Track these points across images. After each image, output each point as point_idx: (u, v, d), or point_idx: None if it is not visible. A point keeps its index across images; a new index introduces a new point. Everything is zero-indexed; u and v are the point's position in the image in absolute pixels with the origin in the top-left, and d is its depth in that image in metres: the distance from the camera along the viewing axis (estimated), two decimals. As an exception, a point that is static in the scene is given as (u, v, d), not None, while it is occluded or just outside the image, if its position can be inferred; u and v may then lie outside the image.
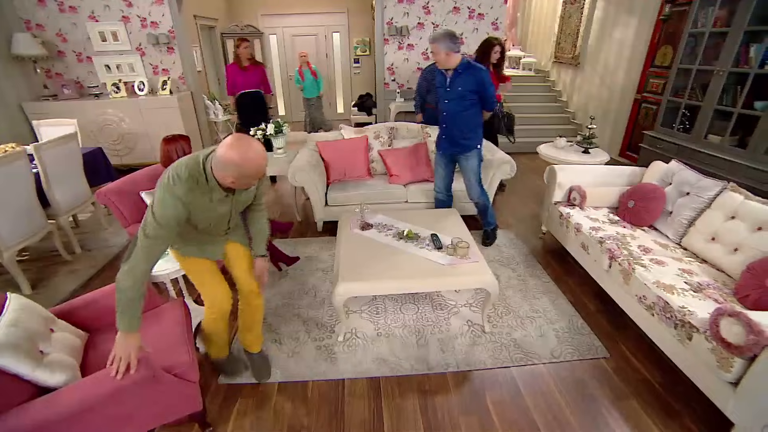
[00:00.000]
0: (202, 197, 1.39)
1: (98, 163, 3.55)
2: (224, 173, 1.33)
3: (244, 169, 1.31)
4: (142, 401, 1.41)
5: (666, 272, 1.99)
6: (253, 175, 1.35)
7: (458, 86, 2.58)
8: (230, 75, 4.37)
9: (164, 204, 1.31)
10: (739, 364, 1.47)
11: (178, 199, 1.32)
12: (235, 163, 1.29)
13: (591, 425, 1.67)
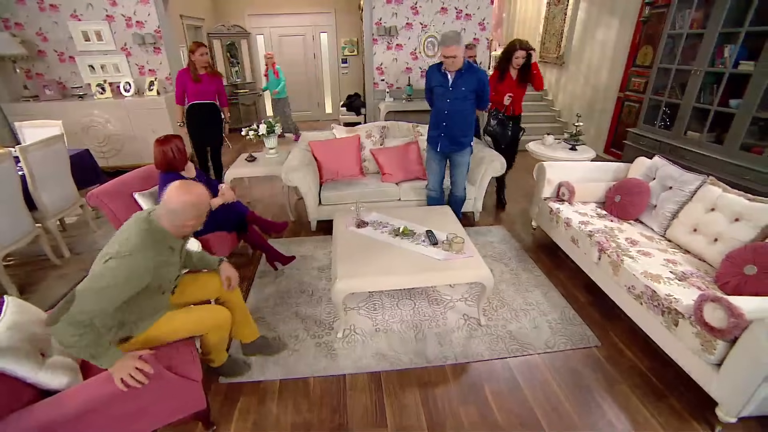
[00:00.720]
0: (161, 256, 1.39)
1: (86, 165, 3.48)
2: (184, 219, 1.38)
3: (201, 207, 1.40)
4: (146, 401, 1.41)
5: (652, 263, 2.08)
6: (205, 210, 1.44)
7: (461, 86, 2.64)
8: (179, 82, 3.69)
9: (124, 271, 1.27)
10: (722, 347, 1.56)
11: (144, 269, 1.31)
12: (193, 203, 1.36)
13: (586, 410, 1.74)
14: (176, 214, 1.36)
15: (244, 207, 2.74)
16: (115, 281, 1.26)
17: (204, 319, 1.64)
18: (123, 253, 1.28)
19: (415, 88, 5.40)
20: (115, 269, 1.26)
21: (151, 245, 1.33)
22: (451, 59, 2.51)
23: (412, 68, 5.41)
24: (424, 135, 3.65)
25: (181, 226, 1.39)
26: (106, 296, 1.26)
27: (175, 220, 1.37)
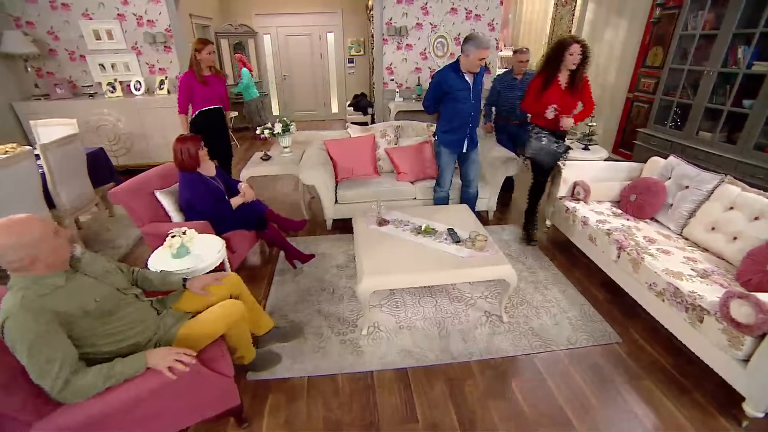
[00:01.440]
0: (54, 297, 1.22)
1: (100, 164, 3.48)
2: (22, 259, 1.18)
3: (26, 240, 1.17)
4: (184, 396, 1.43)
5: (672, 260, 2.11)
6: (39, 234, 1.20)
7: (478, 86, 2.73)
8: (185, 87, 3.23)
9: (21, 331, 1.13)
10: (750, 342, 1.59)
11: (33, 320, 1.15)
12: (10, 245, 1.15)
13: (612, 404, 1.77)
14: (25, 249, 1.18)
15: (263, 205, 2.76)
16: (29, 343, 1.13)
17: (221, 318, 1.62)
18: (10, 320, 1.14)
19: (425, 88, 5.42)
20: (13, 340, 1.14)
21: (23, 295, 1.17)
22: (483, 61, 2.55)
23: (422, 68, 5.43)
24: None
25: (32, 268, 1.21)
26: (42, 357, 1.14)
27: (30, 253, 1.19)
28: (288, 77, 7.68)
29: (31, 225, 1.21)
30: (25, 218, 1.22)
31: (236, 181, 2.74)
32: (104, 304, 1.36)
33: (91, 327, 1.30)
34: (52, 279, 1.26)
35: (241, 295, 1.86)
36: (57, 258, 1.26)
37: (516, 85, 3.58)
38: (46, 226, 1.24)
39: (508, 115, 3.71)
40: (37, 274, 1.23)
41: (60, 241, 1.27)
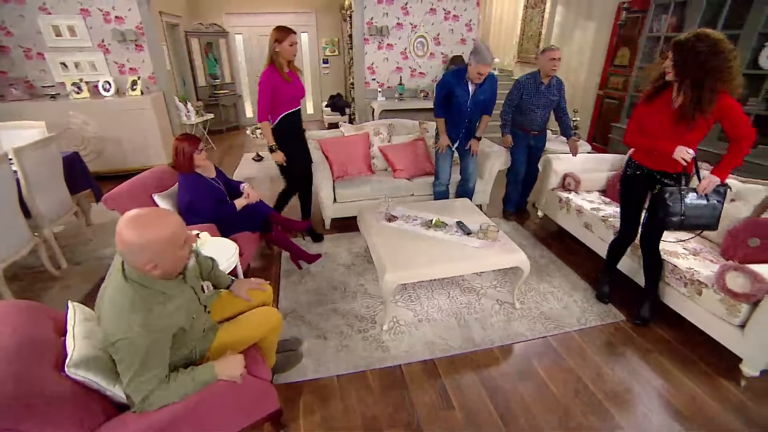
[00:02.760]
0: (162, 312, 1.13)
1: (75, 169, 3.23)
2: (146, 261, 1.07)
3: (155, 245, 1.06)
4: (230, 404, 1.38)
5: (665, 242, 2.29)
6: (169, 241, 1.08)
7: (480, 96, 2.83)
8: (269, 88, 2.57)
9: (141, 347, 1.08)
10: (746, 309, 1.77)
11: (156, 337, 1.11)
12: (140, 244, 1.04)
13: (627, 375, 1.91)
14: (137, 255, 1.06)
15: (268, 207, 2.69)
16: (144, 359, 1.09)
17: (258, 325, 1.57)
18: (125, 337, 1.07)
19: (407, 87, 5.50)
20: (130, 355, 1.09)
21: (145, 312, 1.09)
22: (481, 76, 2.66)
23: (403, 68, 5.50)
24: (430, 132, 3.76)
25: (148, 269, 1.09)
26: (150, 368, 1.12)
27: (153, 259, 1.07)
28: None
29: (166, 222, 1.10)
30: (158, 212, 1.13)
31: (237, 182, 2.65)
32: (195, 323, 1.32)
33: (176, 344, 1.24)
34: (171, 289, 1.18)
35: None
36: (175, 268, 1.17)
37: (542, 92, 3.06)
38: (180, 231, 1.12)
39: (529, 124, 3.19)
40: (154, 278, 1.13)
41: (184, 252, 1.16)
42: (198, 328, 1.36)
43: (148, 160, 4.57)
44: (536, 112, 3.13)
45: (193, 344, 1.36)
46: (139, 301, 1.09)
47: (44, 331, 1.26)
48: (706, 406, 1.76)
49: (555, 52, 2.94)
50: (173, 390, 1.17)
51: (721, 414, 1.72)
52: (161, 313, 1.12)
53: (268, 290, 1.76)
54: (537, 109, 3.12)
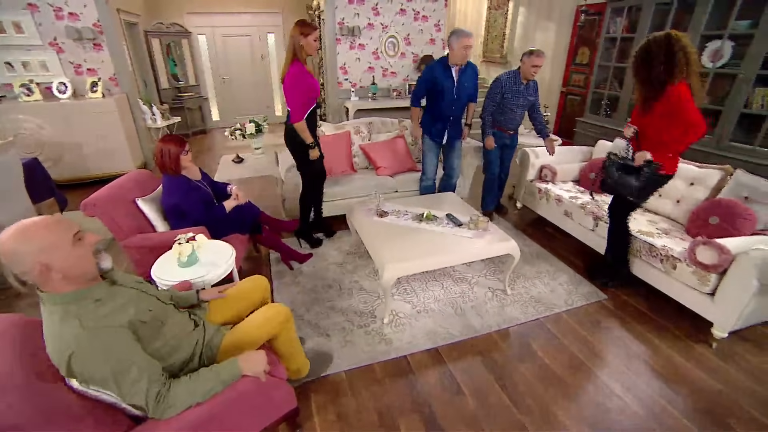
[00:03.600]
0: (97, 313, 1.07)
1: (37, 177, 2.99)
2: (32, 263, 1.00)
3: (34, 245, 1.00)
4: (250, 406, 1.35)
5: (640, 224, 2.50)
6: (52, 238, 1.02)
7: (464, 82, 2.87)
8: (303, 84, 2.45)
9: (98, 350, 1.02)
10: (714, 279, 1.97)
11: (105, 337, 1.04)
12: (18, 247, 0.99)
13: (614, 346, 2.07)
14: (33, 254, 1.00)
15: (256, 208, 2.63)
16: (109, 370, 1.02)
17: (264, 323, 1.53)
18: (70, 352, 1.00)
19: (379, 86, 5.55)
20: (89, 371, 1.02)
21: (74, 319, 1.03)
22: (469, 49, 2.69)
23: (375, 68, 5.54)
24: (410, 130, 3.82)
25: (62, 264, 1.03)
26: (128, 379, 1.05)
27: (40, 259, 1.00)
28: (227, 80, 7.24)
29: (42, 228, 1.02)
30: (36, 221, 1.04)
31: (223, 184, 2.57)
32: (157, 314, 1.25)
33: (148, 341, 1.17)
34: (91, 292, 1.10)
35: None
36: (77, 270, 1.07)
37: (521, 92, 3.06)
38: (63, 231, 1.05)
39: (507, 123, 3.19)
40: (68, 291, 1.06)
41: (81, 252, 1.08)
42: (175, 322, 1.31)
43: (112, 167, 4.30)
44: (516, 111, 3.14)
45: (187, 345, 1.31)
46: (65, 315, 1.02)
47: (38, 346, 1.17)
48: (683, 366, 1.94)
49: (539, 58, 2.89)
50: (183, 392, 1.13)
51: (695, 372, 1.91)
52: (96, 314, 1.05)
53: (262, 287, 1.72)
54: (517, 108, 3.12)
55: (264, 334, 1.51)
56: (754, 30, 2.89)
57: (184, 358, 1.31)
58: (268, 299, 1.77)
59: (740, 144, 3.06)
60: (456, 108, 2.97)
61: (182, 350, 1.31)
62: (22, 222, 1.04)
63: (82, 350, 0.99)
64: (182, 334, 1.33)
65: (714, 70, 3.17)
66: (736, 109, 3.03)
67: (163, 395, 1.10)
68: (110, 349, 1.02)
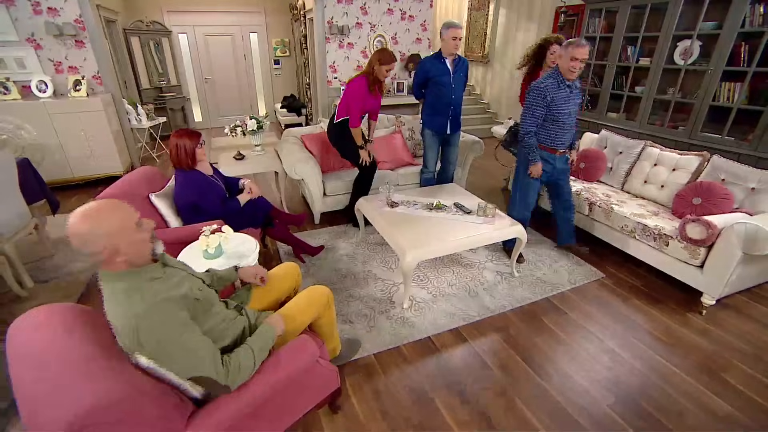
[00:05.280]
0: (159, 286, 1.11)
1: (27, 178, 2.85)
2: (102, 247, 1.03)
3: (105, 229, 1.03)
4: (304, 385, 1.40)
5: (631, 207, 2.71)
6: (119, 224, 1.05)
7: (459, 72, 2.97)
8: (357, 94, 2.79)
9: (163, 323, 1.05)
10: (703, 252, 2.18)
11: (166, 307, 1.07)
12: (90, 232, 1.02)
13: (617, 318, 2.25)
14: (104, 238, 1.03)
15: (268, 202, 2.64)
16: (174, 339, 1.05)
17: (308, 305, 1.57)
18: (139, 319, 1.03)
19: (369, 85, 5.62)
20: (157, 340, 1.04)
21: (137, 292, 1.06)
22: (459, 41, 2.82)
23: (363, 66, 5.58)
24: (406, 125, 3.94)
25: (127, 248, 1.07)
26: (191, 347, 1.07)
27: (108, 244, 1.04)
28: (210, 80, 7.10)
29: (112, 212, 1.07)
30: (105, 204, 1.08)
31: (234, 179, 2.57)
32: (206, 295, 1.28)
33: (200, 321, 1.19)
34: (149, 271, 1.13)
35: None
36: (138, 253, 1.11)
37: (570, 98, 2.41)
38: (129, 216, 1.10)
39: (555, 140, 2.48)
40: (127, 270, 1.09)
41: (142, 235, 1.12)
42: (221, 307, 1.33)
43: (98, 169, 4.16)
44: (566, 122, 2.43)
45: (232, 332, 1.32)
46: (129, 290, 1.06)
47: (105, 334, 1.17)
48: (678, 332, 2.15)
49: (582, 48, 2.22)
50: (244, 357, 1.19)
51: (689, 336, 2.11)
52: (155, 290, 1.08)
53: (293, 273, 1.76)
54: (567, 118, 2.42)
55: (309, 316, 1.56)
56: (719, 30, 3.18)
57: (229, 344, 1.31)
58: (300, 285, 1.82)
59: (710, 134, 3.36)
60: (455, 98, 3.07)
61: (228, 337, 1.32)
62: (92, 205, 1.06)
63: (149, 321, 1.02)
64: (227, 319, 1.35)
65: (685, 66, 3.47)
66: (706, 102, 3.33)
67: (227, 361, 1.14)
68: (173, 320, 1.06)
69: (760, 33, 2.92)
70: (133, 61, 5.76)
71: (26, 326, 1.14)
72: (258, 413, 1.25)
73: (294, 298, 1.61)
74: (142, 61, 5.92)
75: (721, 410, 1.69)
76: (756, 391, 1.79)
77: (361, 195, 3.08)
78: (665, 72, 3.67)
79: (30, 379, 0.97)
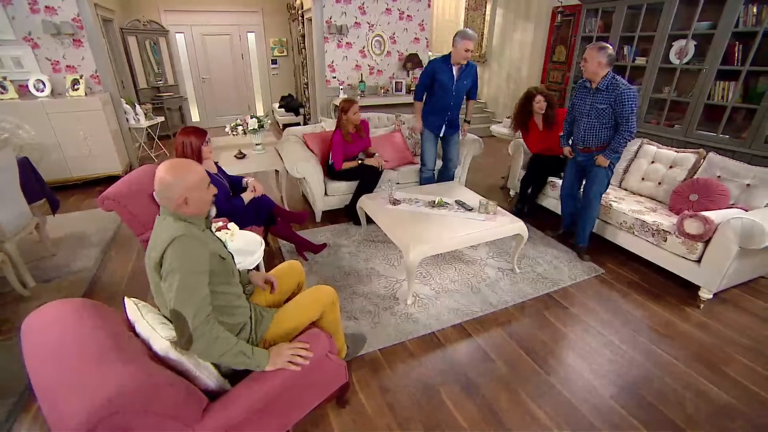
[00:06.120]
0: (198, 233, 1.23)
1: (27, 177, 2.84)
2: (179, 195, 1.19)
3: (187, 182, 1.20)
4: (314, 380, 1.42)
5: (629, 204, 2.75)
6: (198, 181, 1.23)
7: (464, 80, 3.05)
8: (338, 146, 3.21)
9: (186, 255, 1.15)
10: (701, 247, 2.22)
11: (198, 244, 1.18)
12: (176, 181, 1.19)
13: (617, 313, 2.28)
14: (183, 189, 1.20)
15: (271, 200, 2.65)
16: (187, 269, 1.14)
17: (312, 303, 1.59)
18: (173, 240, 1.15)
19: (369, 85, 5.64)
20: (178, 260, 1.14)
21: (182, 225, 1.21)
22: (469, 52, 2.89)
23: (362, 66, 5.63)
24: (406, 124, 3.96)
25: (196, 200, 1.23)
26: (192, 286, 1.14)
27: (184, 194, 1.20)
28: (207, 80, 7.08)
29: (194, 168, 1.25)
30: (187, 162, 1.27)
31: (238, 177, 2.58)
32: (230, 262, 1.37)
33: (218, 281, 1.27)
34: (198, 223, 1.28)
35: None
36: (201, 208, 1.28)
37: (587, 98, 2.57)
38: (203, 177, 1.27)
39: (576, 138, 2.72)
40: (186, 214, 1.24)
41: (207, 196, 1.29)
42: (236, 284, 1.39)
43: (96, 169, 4.14)
44: (580, 120, 2.64)
45: (241, 314, 1.36)
46: (179, 223, 1.22)
47: (118, 326, 1.19)
48: (677, 325, 2.19)
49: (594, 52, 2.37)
50: (224, 342, 1.16)
51: (688, 329, 2.16)
52: (195, 232, 1.22)
53: (297, 271, 1.79)
54: (581, 117, 2.63)
55: (311, 315, 1.57)
56: (713, 30, 3.24)
57: (239, 325, 1.35)
58: (304, 283, 1.83)
59: (705, 132, 3.42)
60: (453, 104, 3.14)
61: (236, 316, 1.35)
62: (178, 161, 1.26)
63: (180, 245, 1.14)
64: (241, 296, 1.40)
65: (680, 66, 3.52)
66: (701, 100, 3.38)
67: (211, 321, 1.15)
68: (195, 257, 1.17)
69: (754, 33, 2.98)
70: (130, 61, 5.73)
71: (39, 322, 1.15)
72: (269, 408, 1.27)
73: (298, 295, 1.62)
74: (139, 60, 5.89)
75: (720, 400, 1.73)
76: (753, 381, 1.83)
77: (365, 194, 3.11)
78: (661, 71, 3.73)
79: (48, 373, 0.97)
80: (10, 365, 1.86)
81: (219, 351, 1.15)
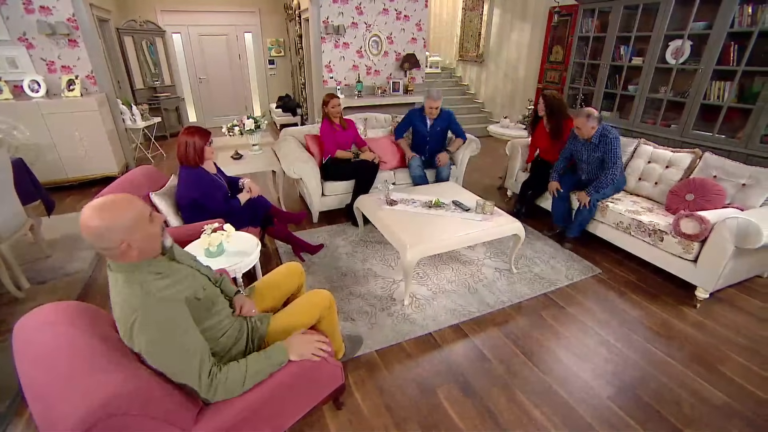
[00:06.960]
0: (162, 283, 1.10)
1: (22, 178, 2.82)
2: (117, 241, 1.02)
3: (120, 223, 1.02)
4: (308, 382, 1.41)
5: (626, 204, 2.75)
6: (134, 218, 1.04)
7: (437, 127, 3.50)
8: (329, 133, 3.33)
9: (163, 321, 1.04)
10: (697, 246, 2.23)
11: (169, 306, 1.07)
12: (106, 226, 1.00)
13: (614, 312, 2.28)
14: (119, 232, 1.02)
15: (267, 201, 2.65)
16: (168, 341, 1.04)
17: (310, 307, 1.59)
18: (137, 313, 1.02)
19: (366, 84, 5.64)
20: (152, 343, 1.04)
21: (140, 284, 1.05)
22: (434, 110, 3.35)
23: (359, 66, 5.62)
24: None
25: (140, 241, 1.06)
26: (182, 349, 1.06)
27: (124, 237, 1.03)
28: (204, 80, 7.06)
29: (125, 204, 1.05)
30: (119, 198, 1.06)
31: (235, 178, 2.57)
32: (209, 294, 1.26)
33: (200, 320, 1.18)
34: (156, 266, 1.11)
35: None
36: (150, 246, 1.10)
37: (589, 153, 2.89)
38: (142, 210, 1.08)
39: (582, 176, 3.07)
40: (136, 261, 1.08)
41: (154, 229, 1.11)
42: (224, 306, 1.32)
43: (92, 169, 4.12)
44: (580, 166, 3.05)
45: (233, 330, 1.32)
46: (132, 280, 1.06)
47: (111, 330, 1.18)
48: (674, 325, 2.19)
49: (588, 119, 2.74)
50: (235, 375, 1.14)
51: (685, 329, 2.16)
52: (158, 286, 1.07)
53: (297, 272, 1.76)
54: (580, 163, 3.03)
55: (309, 319, 1.56)
56: (709, 31, 3.25)
57: (230, 343, 1.32)
58: (303, 285, 1.82)
59: (701, 132, 3.43)
60: (429, 147, 3.59)
61: (229, 336, 1.32)
62: (106, 199, 1.05)
63: (145, 317, 1.01)
64: (228, 317, 1.34)
65: (676, 66, 3.53)
66: (697, 100, 3.39)
67: (215, 374, 1.11)
68: (169, 321, 1.04)
69: (749, 33, 2.99)
70: (126, 61, 5.71)
71: (31, 325, 1.14)
72: (263, 411, 1.26)
73: (295, 300, 1.61)
74: (136, 61, 5.87)
75: (716, 399, 1.73)
76: (749, 380, 1.83)
77: (362, 194, 3.11)
78: (657, 71, 3.74)
79: (40, 376, 0.96)
80: (5, 367, 1.84)
81: (237, 385, 1.14)
